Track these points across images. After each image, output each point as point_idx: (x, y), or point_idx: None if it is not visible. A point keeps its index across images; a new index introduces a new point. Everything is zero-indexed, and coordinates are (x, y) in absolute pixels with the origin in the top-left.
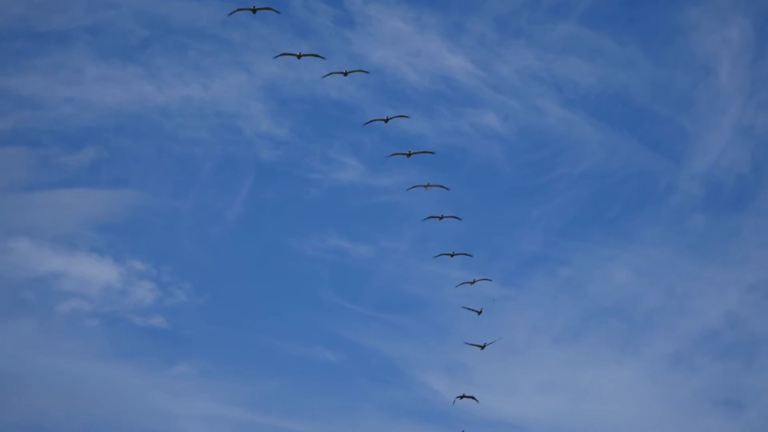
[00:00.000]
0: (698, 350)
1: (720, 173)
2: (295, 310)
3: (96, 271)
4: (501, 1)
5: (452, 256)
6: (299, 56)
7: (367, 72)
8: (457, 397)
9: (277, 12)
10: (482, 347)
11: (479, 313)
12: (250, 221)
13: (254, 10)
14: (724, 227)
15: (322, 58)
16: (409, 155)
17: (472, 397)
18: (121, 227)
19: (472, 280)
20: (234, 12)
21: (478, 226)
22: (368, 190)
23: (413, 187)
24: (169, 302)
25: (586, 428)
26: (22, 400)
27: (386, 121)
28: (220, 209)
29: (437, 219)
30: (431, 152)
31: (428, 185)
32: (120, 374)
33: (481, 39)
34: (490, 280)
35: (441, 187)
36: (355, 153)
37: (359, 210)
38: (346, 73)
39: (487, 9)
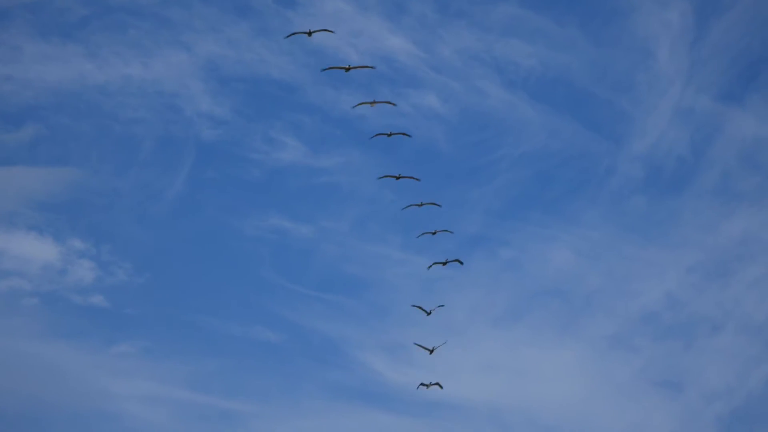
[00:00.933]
0: (638, 331)
1: (660, 155)
2: (235, 290)
3: (35, 250)
4: None
5: (432, 230)
6: (310, 34)
7: (372, 67)
8: (422, 384)
9: None
10: (431, 351)
11: (429, 313)
12: (190, 201)
13: None
14: (664, 209)
15: (331, 32)
16: (389, 135)
17: (437, 384)
18: (60, 206)
19: (444, 261)
20: None
21: (418, 208)
22: (309, 171)
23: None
24: (109, 281)
25: (526, 409)
26: None
27: (372, 104)
28: (161, 188)
29: (417, 206)
30: (408, 135)
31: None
32: (59, 354)
33: (422, 20)
34: (461, 263)
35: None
36: (296, 133)
37: (300, 190)
38: (347, 69)
39: None
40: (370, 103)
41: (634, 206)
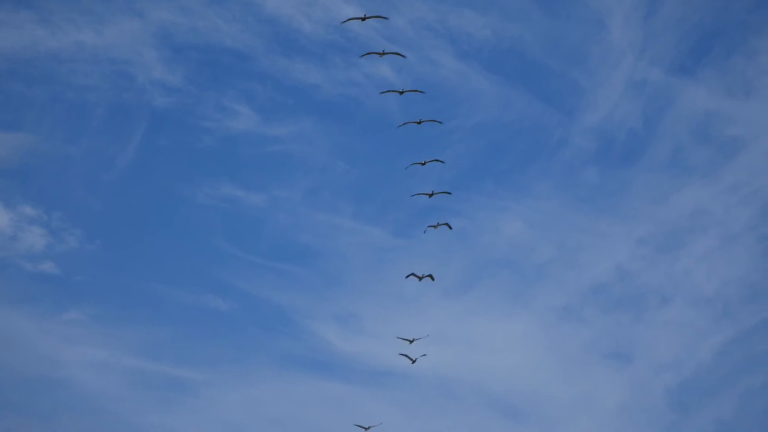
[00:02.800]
0: (588, 303)
1: (612, 127)
2: (186, 258)
3: None
4: None
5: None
6: (364, 18)
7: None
8: (401, 354)
9: None
10: (410, 341)
11: (420, 278)
12: (142, 168)
13: None
14: (615, 181)
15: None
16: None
17: (408, 357)
18: (12, 172)
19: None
20: None
21: (371, 177)
22: (261, 139)
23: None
24: (60, 248)
25: (476, 379)
26: None
27: (382, 54)
28: (112, 155)
29: (420, 164)
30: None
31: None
32: (10, 320)
33: None
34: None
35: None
36: (248, 101)
37: (252, 158)
38: (364, 18)
39: None
40: (380, 53)
41: (585, 178)
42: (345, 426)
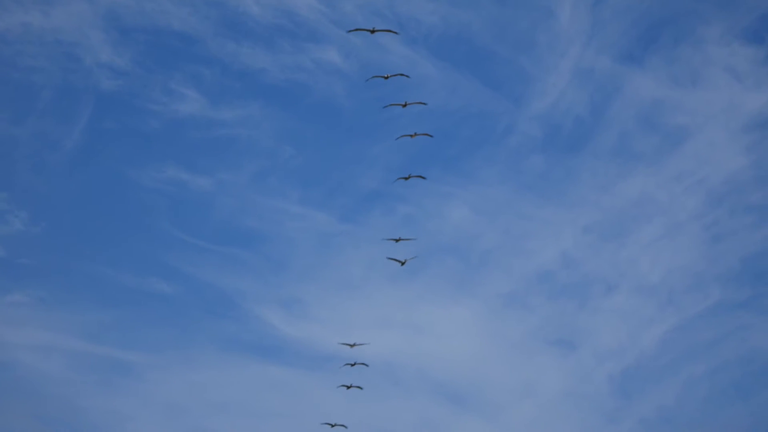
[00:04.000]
0: (533, 290)
1: (558, 115)
2: (131, 242)
3: None
4: None
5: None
6: (372, 31)
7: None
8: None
9: None
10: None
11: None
12: (88, 151)
13: None
14: (562, 168)
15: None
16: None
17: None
18: None
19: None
20: None
21: (317, 162)
22: (208, 123)
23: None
24: (5, 230)
25: (421, 365)
26: None
27: (386, 78)
28: (58, 138)
29: (409, 137)
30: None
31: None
32: None
33: None
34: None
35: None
36: (195, 85)
37: (199, 142)
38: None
39: None
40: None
41: (532, 165)
42: (289, 410)
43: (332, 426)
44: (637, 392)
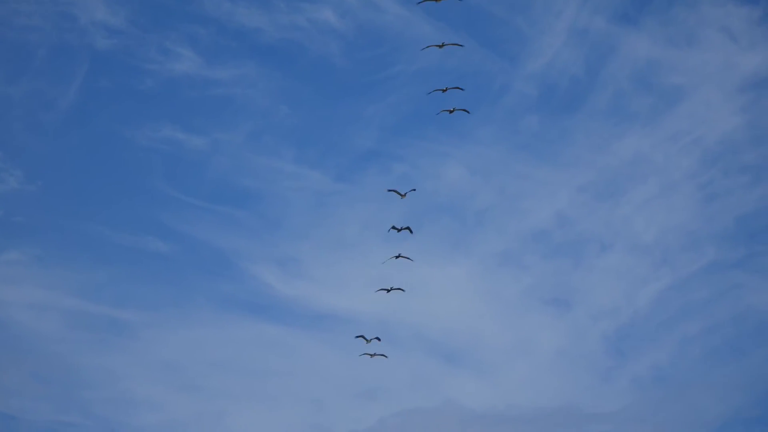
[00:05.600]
0: (528, 249)
1: (554, 75)
2: (127, 200)
3: None
4: None
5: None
6: (441, 46)
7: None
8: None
9: None
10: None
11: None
12: (83, 110)
13: None
14: (557, 128)
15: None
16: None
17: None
18: None
19: (451, 109)
20: None
21: (313, 121)
22: (204, 82)
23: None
24: (0, 189)
25: (416, 324)
26: None
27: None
28: (54, 97)
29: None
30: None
31: (443, 44)
32: None
33: None
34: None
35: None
36: (191, 44)
37: (194, 101)
38: (441, 46)
39: None
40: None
41: (527, 125)
42: (284, 368)
43: (367, 341)
44: (631, 351)
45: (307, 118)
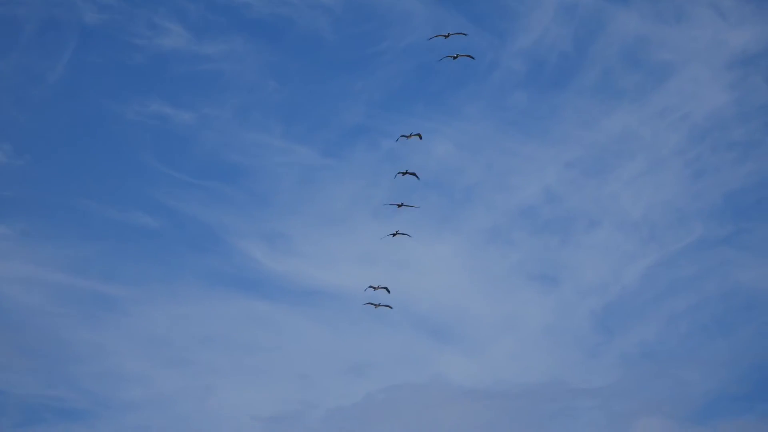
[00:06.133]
0: (515, 225)
1: (543, 51)
2: (115, 175)
3: None
4: None
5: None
6: (447, 36)
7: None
8: (396, 204)
9: None
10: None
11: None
12: (72, 84)
13: None
14: (545, 104)
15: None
16: (455, 57)
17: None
18: None
19: (455, 55)
20: None
21: (301, 96)
22: (192, 57)
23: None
24: None
25: (404, 299)
26: None
27: (447, 36)
28: (42, 71)
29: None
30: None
31: (448, 34)
32: None
33: None
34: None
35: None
36: (180, 19)
37: (183, 76)
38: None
39: None
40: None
41: (515, 101)
42: (272, 344)
43: (375, 289)
44: (618, 328)
45: (296, 94)
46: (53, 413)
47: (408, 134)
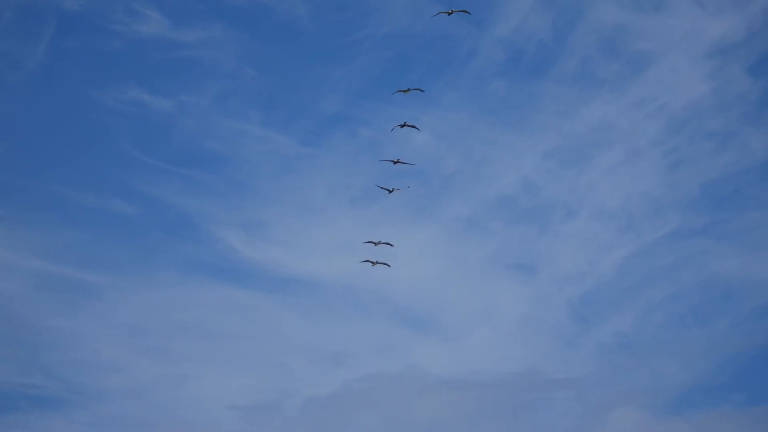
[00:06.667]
0: (493, 214)
1: (521, 40)
2: (93, 162)
3: None
4: None
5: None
6: (450, 13)
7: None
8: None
9: None
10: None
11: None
12: (50, 71)
13: None
14: (524, 93)
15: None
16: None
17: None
18: None
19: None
20: None
21: (280, 84)
22: (170, 44)
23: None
24: None
25: (381, 288)
26: None
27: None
28: (20, 57)
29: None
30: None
31: (451, 11)
32: None
33: None
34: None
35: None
36: (158, 6)
37: (160, 63)
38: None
39: None
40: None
41: (494, 90)
42: (249, 332)
43: (376, 244)
44: (595, 317)
45: (274, 81)
46: (28, 401)
47: (406, 89)
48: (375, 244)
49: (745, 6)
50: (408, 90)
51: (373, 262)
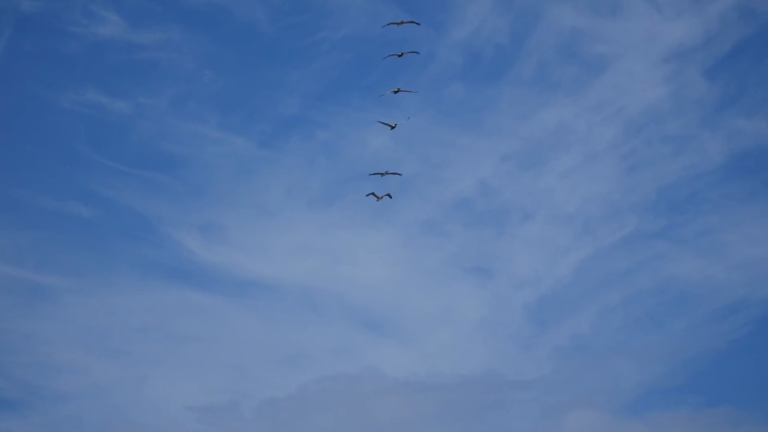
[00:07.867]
0: (450, 217)
1: (479, 43)
2: (50, 164)
3: None
4: None
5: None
6: (400, 24)
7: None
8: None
9: None
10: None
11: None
12: (6, 72)
13: None
14: (481, 97)
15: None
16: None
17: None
18: None
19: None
20: None
21: (237, 87)
22: (128, 46)
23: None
24: None
25: (339, 291)
26: None
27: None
28: None
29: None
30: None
31: (401, 22)
32: None
33: None
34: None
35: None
36: (116, 8)
37: (118, 65)
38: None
39: None
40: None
41: (451, 93)
42: (206, 334)
43: (383, 175)
44: (552, 320)
45: (232, 84)
46: None
47: (383, 172)
48: (382, 175)
49: (702, 10)
50: (402, 54)
51: (378, 197)
